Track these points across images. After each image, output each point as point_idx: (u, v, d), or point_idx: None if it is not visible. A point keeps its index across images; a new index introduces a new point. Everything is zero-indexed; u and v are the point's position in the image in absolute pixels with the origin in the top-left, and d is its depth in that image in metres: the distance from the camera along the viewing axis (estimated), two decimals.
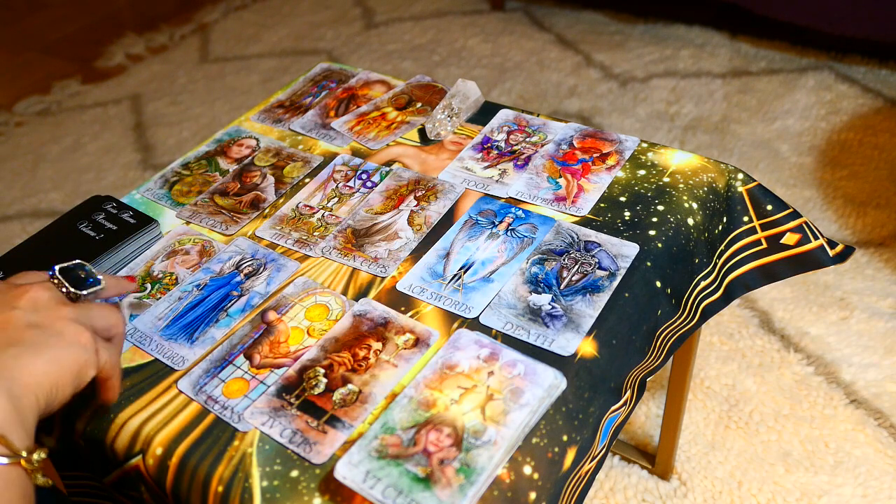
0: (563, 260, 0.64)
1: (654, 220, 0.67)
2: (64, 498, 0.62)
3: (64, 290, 0.51)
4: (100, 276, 0.54)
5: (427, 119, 0.82)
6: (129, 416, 0.55)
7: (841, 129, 1.61)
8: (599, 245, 0.65)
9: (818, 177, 1.49)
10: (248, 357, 0.59)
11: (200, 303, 0.64)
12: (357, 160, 0.78)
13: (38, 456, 0.43)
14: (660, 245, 0.65)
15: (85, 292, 0.52)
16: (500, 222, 0.68)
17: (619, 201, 0.69)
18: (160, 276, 0.67)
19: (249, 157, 0.81)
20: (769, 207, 0.71)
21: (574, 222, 0.68)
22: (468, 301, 0.61)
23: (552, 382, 0.54)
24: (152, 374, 0.59)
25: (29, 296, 0.49)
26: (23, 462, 0.43)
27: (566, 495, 0.52)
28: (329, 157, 0.79)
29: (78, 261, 0.54)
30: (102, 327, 0.51)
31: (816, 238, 0.72)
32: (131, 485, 0.56)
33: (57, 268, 0.52)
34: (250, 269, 0.67)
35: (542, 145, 0.77)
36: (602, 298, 0.60)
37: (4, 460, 0.42)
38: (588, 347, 0.57)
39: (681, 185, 0.70)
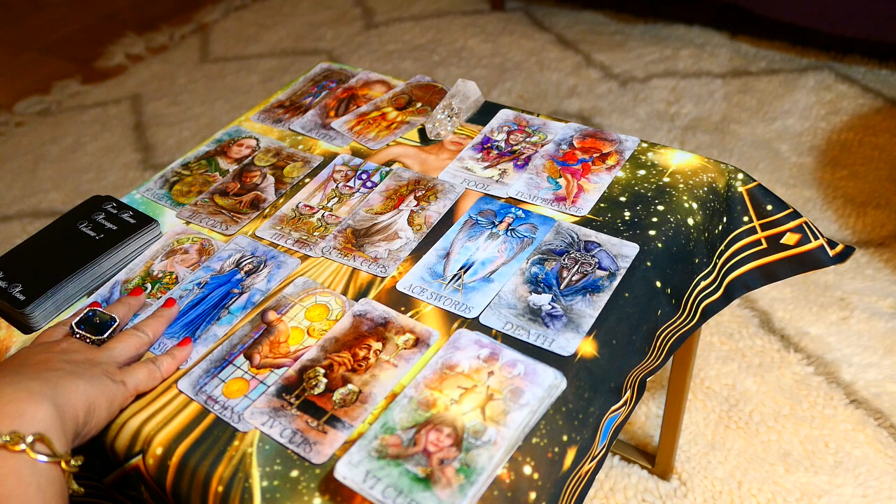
0: (563, 260, 0.64)
1: (654, 220, 0.67)
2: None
3: (88, 341, 0.57)
4: (112, 315, 0.60)
5: (427, 119, 0.82)
6: (129, 416, 0.55)
7: (841, 129, 1.61)
8: (599, 245, 0.65)
9: (818, 177, 1.49)
10: (248, 357, 0.59)
11: (202, 301, 0.64)
12: (357, 160, 0.78)
13: (75, 461, 0.47)
14: (660, 245, 0.65)
15: (105, 336, 0.58)
16: (500, 222, 0.68)
17: (619, 201, 0.69)
18: (160, 275, 0.67)
19: (249, 157, 0.81)
20: (769, 207, 0.71)
21: (574, 222, 0.68)
22: (468, 301, 0.61)
23: (552, 382, 0.54)
24: None
25: (61, 347, 0.55)
26: (62, 464, 0.46)
27: (566, 495, 0.52)
28: (329, 157, 0.79)
29: (88, 309, 0.60)
30: (128, 358, 0.57)
31: (816, 238, 0.72)
32: (131, 485, 0.56)
33: (74, 324, 0.58)
34: (250, 266, 0.67)
35: (542, 145, 0.77)
36: (602, 298, 0.60)
37: (45, 459, 0.45)
38: (588, 347, 0.57)
39: (681, 185, 0.70)
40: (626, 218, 0.67)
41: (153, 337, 0.60)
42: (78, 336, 0.57)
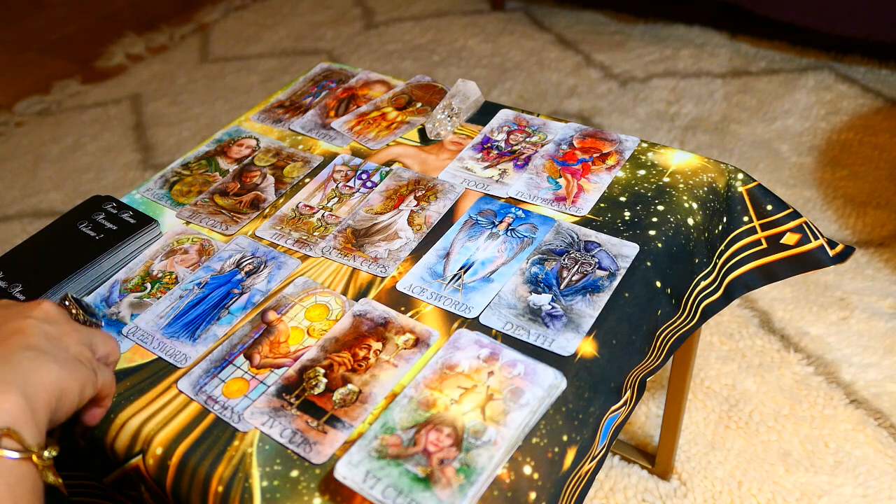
0: (563, 260, 0.64)
1: (654, 220, 0.67)
2: (64, 498, 0.62)
3: (73, 312, 0.55)
4: (102, 314, 0.60)
5: (427, 119, 0.82)
6: (129, 416, 0.55)
7: (841, 129, 1.61)
8: (599, 245, 0.65)
9: (818, 177, 1.49)
10: (248, 357, 0.59)
11: (202, 301, 0.64)
12: (357, 160, 0.78)
13: (48, 453, 0.44)
14: (660, 245, 0.65)
15: (90, 320, 0.57)
16: (500, 222, 0.68)
17: (619, 201, 0.69)
18: (160, 275, 0.67)
19: (249, 157, 0.81)
20: (769, 207, 0.71)
21: (574, 222, 0.68)
22: (468, 301, 0.61)
23: (552, 382, 0.54)
24: (152, 374, 0.59)
25: (41, 308, 0.52)
26: (34, 458, 0.43)
27: (566, 495, 0.52)
28: (329, 157, 0.79)
29: (84, 297, 0.60)
30: (103, 354, 0.54)
31: (816, 238, 0.72)
32: (131, 485, 0.56)
33: (69, 293, 0.57)
34: (251, 266, 0.67)
35: (542, 145, 0.77)
36: (602, 298, 0.60)
37: (16, 455, 0.42)
38: (588, 347, 0.57)
39: (681, 185, 0.70)
40: (626, 218, 0.67)
41: (118, 359, 0.58)
42: (66, 304, 0.55)
